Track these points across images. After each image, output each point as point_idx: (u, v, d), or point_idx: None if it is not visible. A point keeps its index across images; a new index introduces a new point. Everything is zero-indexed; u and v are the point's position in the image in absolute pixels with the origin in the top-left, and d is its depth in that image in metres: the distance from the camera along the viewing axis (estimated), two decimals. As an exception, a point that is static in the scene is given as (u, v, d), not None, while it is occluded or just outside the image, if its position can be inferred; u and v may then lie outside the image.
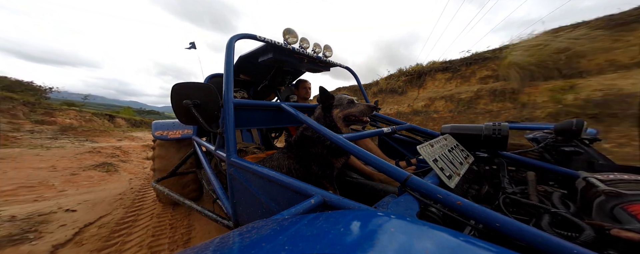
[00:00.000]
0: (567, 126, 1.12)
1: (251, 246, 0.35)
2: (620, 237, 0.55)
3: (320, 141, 1.24)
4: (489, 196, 0.92)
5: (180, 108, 1.16)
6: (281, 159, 1.31)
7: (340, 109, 1.32)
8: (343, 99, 1.35)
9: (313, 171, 1.25)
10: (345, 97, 1.36)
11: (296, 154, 1.29)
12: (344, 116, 1.32)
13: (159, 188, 2.29)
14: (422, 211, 0.64)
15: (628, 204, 0.63)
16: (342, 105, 1.33)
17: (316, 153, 1.24)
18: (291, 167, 1.27)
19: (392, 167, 0.75)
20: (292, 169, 1.27)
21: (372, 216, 0.41)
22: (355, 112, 1.31)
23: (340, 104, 1.33)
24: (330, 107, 1.33)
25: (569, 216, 0.67)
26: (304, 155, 1.28)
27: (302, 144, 1.29)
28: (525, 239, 0.47)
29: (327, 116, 1.33)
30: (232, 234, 0.43)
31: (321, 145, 1.24)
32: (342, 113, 1.32)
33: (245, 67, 2.20)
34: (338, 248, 0.30)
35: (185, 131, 2.53)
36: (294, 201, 0.84)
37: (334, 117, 1.32)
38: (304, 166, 1.27)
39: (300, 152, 1.29)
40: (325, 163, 1.24)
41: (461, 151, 1.16)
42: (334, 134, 0.98)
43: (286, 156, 1.31)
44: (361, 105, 1.33)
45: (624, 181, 0.73)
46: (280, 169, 1.27)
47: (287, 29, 1.55)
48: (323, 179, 1.24)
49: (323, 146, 1.24)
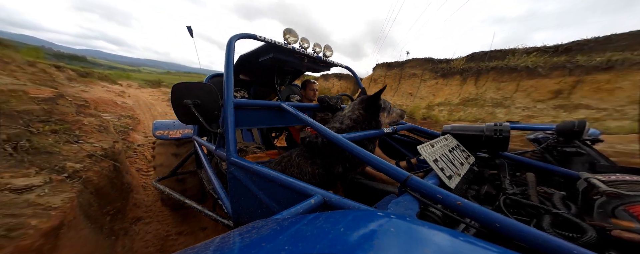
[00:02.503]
0: (569, 127, 1.12)
1: (251, 246, 0.35)
2: (621, 238, 0.54)
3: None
4: (490, 197, 0.92)
5: (181, 108, 1.17)
6: (303, 165, 1.19)
7: (387, 114, 1.38)
8: (387, 103, 1.40)
9: (337, 173, 1.18)
10: (387, 101, 1.42)
11: (320, 156, 1.19)
12: (390, 121, 1.42)
13: (159, 187, 2.29)
14: (422, 211, 0.64)
15: (629, 205, 0.63)
16: (387, 109, 1.38)
17: (345, 156, 1.17)
18: (315, 172, 1.17)
19: (392, 167, 0.75)
20: (316, 175, 1.17)
21: (372, 216, 0.41)
22: (397, 118, 1.45)
23: (386, 108, 1.38)
24: (378, 110, 1.33)
25: (570, 217, 0.66)
26: (332, 157, 1.19)
27: (331, 145, 1.17)
28: (526, 239, 0.47)
29: (375, 119, 1.32)
30: (232, 234, 0.43)
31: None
32: (389, 118, 1.39)
33: (245, 67, 2.21)
34: (338, 248, 0.30)
35: (185, 130, 2.53)
36: (294, 201, 0.84)
37: (381, 121, 1.35)
38: (327, 170, 1.19)
39: (326, 153, 1.19)
40: (352, 164, 1.20)
41: (462, 152, 1.16)
42: (335, 134, 0.98)
43: (309, 161, 1.20)
44: (399, 110, 1.47)
45: (626, 182, 0.73)
46: (303, 176, 1.17)
47: (287, 29, 1.55)
48: (339, 179, 1.22)
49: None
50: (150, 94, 14.89)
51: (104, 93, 9.06)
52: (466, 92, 8.57)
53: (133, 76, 33.59)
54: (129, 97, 10.55)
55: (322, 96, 1.89)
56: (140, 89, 18.61)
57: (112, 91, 10.91)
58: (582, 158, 1.10)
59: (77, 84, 8.62)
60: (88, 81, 11.84)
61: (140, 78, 33.73)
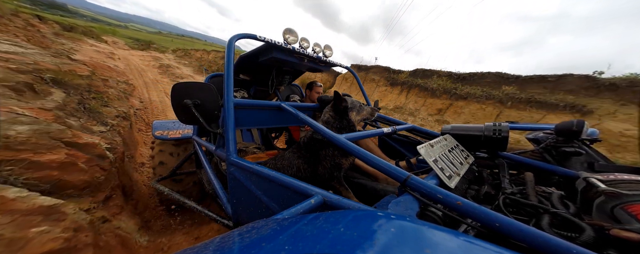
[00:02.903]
0: (568, 127, 1.12)
1: (251, 246, 0.35)
2: (620, 237, 0.55)
3: (331, 143, 1.24)
4: (489, 197, 0.92)
5: (181, 107, 1.17)
6: (292, 159, 1.32)
7: (356, 112, 1.39)
8: (355, 103, 1.42)
9: (319, 173, 1.25)
10: (355, 100, 1.44)
11: (304, 155, 1.30)
12: (361, 119, 1.43)
13: (159, 188, 2.29)
14: (422, 211, 0.64)
15: (628, 204, 0.63)
16: (355, 108, 1.39)
17: (325, 155, 1.25)
18: (301, 167, 1.28)
19: (392, 167, 0.75)
20: (302, 169, 1.28)
21: (372, 216, 0.41)
22: (367, 116, 1.46)
23: (354, 107, 1.39)
24: (346, 110, 1.35)
25: (569, 216, 0.67)
26: (312, 157, 1.28)
27: (311, 146, 1.29)
28: (525, 239, 0.47)
29: (345, 118, 1.35)
30: (232, 234, 0.43)
31: (333, 147, 1.24)
32: (359, 116, 1.41)
33: (245, 67, 2.21)
34: (338, 248, 0.30)
35: (185, 130, 2.53)
36: (294, 201, 0.84)
37: (353, 119, 1.37)
38: (312, 167, 1.28)
39: (308, 154, 1.29)
40: (332, 165, 1.24)
41: (461, 151, 1.16)
42: (335, 134, 0.98)
43: (296, 156, 1.32)
44: (368, 108, 1.47)
45: (624, 181, 0.73)
46: (291, 168, 1.27)
47: (287, 28, 1.55)
48: (329, 181, 1.24)
49: (335, 147, 1.24)
50: (140, 58, 14.14)
51: (95, 54, 8.74)
52: (399, 101, 10.71)
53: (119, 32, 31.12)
54: (119, 60, 10.08)
55: (322, 96, 1.89)
56: (130, 51, 17.80)
57: (102, 52, 10.26)
58: (581, 158, 1.10)
59: (64, 41, 8.48)
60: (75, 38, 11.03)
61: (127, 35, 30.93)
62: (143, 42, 25.25)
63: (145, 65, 11.70)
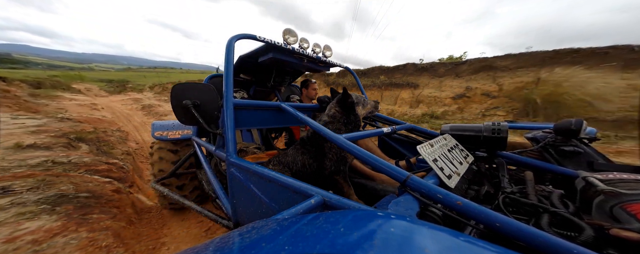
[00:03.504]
0: (566, 126, 1.12)
1: (251, 246, 0.35)
2: (620, 236, 0.55)
3: None
4: (489, 196, 0.92)
5: (180, 108, 1.16)
6: (296, 155, 1.31)
7: (362, 106, 1.40)
8: (359, 97, 1.43)
9: (326, 167, 1.25)
10: (358, 95, 1.44)
11: (309, 150, 1.30)
12: (366, 112, 1.45)
13: (159, 188, 2.29)
14: (422, 211, 0.64)
15: (627, 203, 0.64)
16: (361, 102, 1.41)
17: (330, 147, 1.25)
18: (305, 162, 1.27)
19: (392, 167, 0.75)
20: (307, 165, 1.27)
21: (372, 216, 0.41)
22: (372, 109, 1.48)
23: (360, 102, 1.40)
24: (353, 105, 1.36)
25: (568, 216, 0.67)
26: (317, 151, 1.28)
27: (315, 140, 1.29)
28: (525, 239, 0.47)
29: (352, 113, 1.36)
30: (232, 234, 0.43)
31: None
32: (365, 110, 1.43)
33: (245, 67, 2.20)
34: (338, 248, 0.30)
35: (185, 131, 2.52)
36: (294, 201, 0.84)
37: (359, 114, 1.38)
38: (317, 161, 1.28)
39: (313, 149, 1.29)
40: (338, 158, 1.25)
41: (461, 151, 1.16)
42: (334, 134, 0.98)
43: (300, 151, 1.31)
44: (372, 102, 1.50)
45: (623, 180, 0.73)
46: (295, 165, 1.27)
47: (287, 29, 1.55)
48: (336, 175, 1.24)
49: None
50: (122, 103, 14.05)
51: (79, 108, 9.20)
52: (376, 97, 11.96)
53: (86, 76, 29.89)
54: (103, 110, 10.31)
55: (321, 96, 1.89)
56: (109, 98, 17.89)
57: (84, 104, 10.53)
58: (580, 157, 1.11)
59: (44, 100, 9.17)
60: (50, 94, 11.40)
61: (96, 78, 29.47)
62: (117, 83, 24.18)
63: (129, 109, 11.78)
